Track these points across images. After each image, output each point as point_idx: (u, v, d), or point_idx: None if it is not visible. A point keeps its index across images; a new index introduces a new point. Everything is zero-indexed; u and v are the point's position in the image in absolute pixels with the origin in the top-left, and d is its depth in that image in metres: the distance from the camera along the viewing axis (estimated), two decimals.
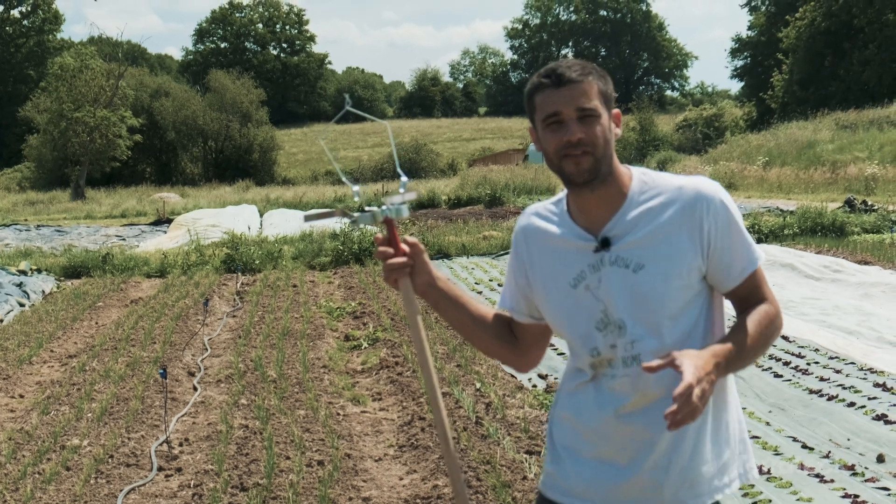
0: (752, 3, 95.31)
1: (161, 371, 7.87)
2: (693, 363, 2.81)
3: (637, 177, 3.16)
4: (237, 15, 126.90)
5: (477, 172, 52.21)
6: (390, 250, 3.21)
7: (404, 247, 3.23)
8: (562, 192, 3.29)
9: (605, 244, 3.10)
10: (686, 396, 2.74)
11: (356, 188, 3.23)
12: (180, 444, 8.18)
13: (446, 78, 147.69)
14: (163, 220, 35.76)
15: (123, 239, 28.88)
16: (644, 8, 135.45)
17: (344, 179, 3.42)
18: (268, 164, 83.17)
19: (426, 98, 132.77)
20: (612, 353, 3.10)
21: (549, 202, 3.34)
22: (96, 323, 14.20)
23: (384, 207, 3.20)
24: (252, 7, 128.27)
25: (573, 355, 3.26)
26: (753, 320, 3.06)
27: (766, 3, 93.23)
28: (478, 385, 9.64)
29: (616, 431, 3.12)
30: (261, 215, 33.81)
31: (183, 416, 9.07)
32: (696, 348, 3.03)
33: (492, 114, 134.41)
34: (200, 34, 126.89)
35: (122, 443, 8.13)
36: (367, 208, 3.20)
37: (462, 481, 3.25)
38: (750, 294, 3.12)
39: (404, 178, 3.23)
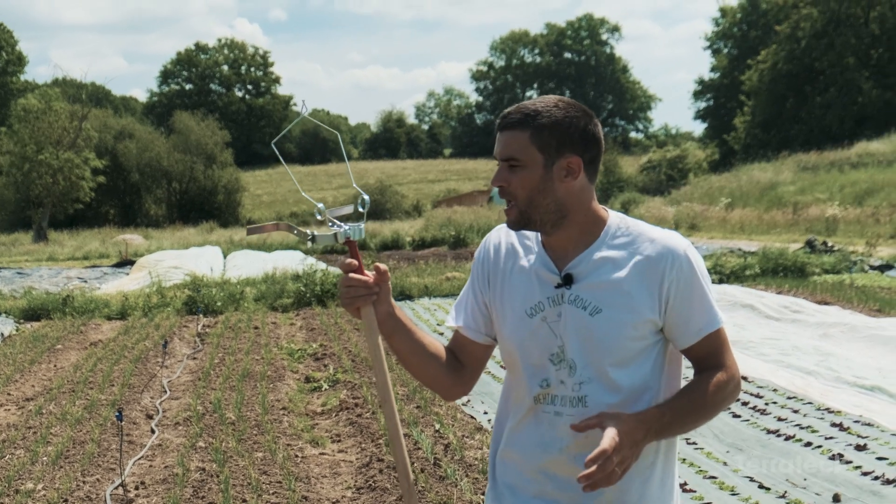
0: (715, 46, 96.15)
1: (117, 414, 7.81)
2: (617, 429, 2.82)
3: (614, 220, 3.15)
4: (202, 56, 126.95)
5: (441, 214, 52.33)
6: (362, 277, 3.12)
7: (368, 273, 3.15)
8: None
9: (567, 280, 3.10)
10: (601, 462, 2.76)
11: (320, 205, 3.17)
12: (136, 488, 8.11)
13: (411, 119, 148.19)
14: (125, 262, 35.57)
15: (85, 281, 28.68)
16: (608, 51, 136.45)
17: (304, 195, 3.32)
18: (232, 206, 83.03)
19: (391, 139, 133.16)
20: (560, 389, 3.09)
21: None
22: (55, 366, 14.08)
23: (346, 228, 3.13)
24: (217, 49, 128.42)
25: (517, 384, 3.22)
26: (701, 388, 3.03)
27: (728, 45, 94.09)
28: (437, 426, 9.61)
29: (561, 471, 3.10)
30: (224, 257, 33.72)
31: (140, 459, 8.99)
32: (651, 398, 3.06)
33: (457, 155, 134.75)
34: (165, 76, 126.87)
35: (76, 486, 8.06)
36: (332, 226, 3.12)
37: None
38: (707, 356, 3.09)
39: (365, 197, 3.13)
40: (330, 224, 3.15)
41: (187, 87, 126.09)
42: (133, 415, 10.63)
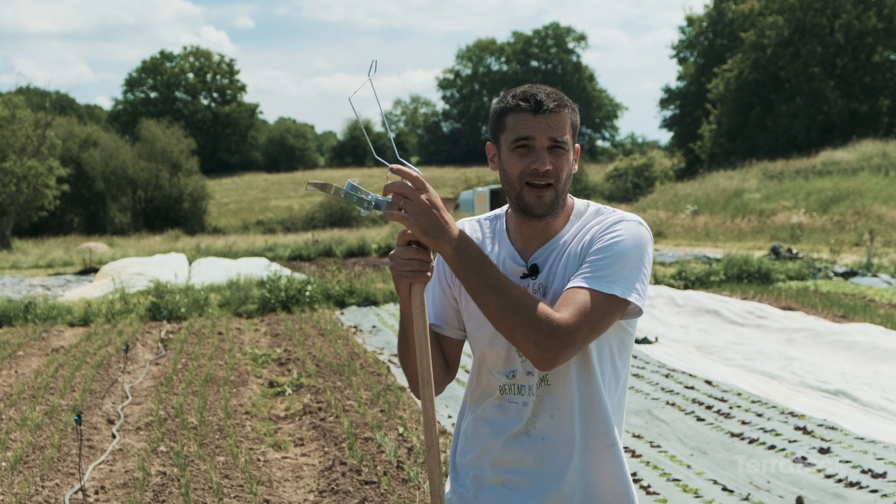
0: (681, 55, 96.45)
1: (76, 417, 7.71)
2: (433, 194, 2.90)
3: (578, 207, 3.18)
4: (168, 65, 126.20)
5: None
6: (424, 250, 2.99)
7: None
8: (499, 210, 3.27)
9: (533, 271, 3.08)
10: (404, 181, 2.89)
11: (356, 181, 3.07)
12: (96, 493, 8.03)
13: (378, 128, 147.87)
14: (89, 270, 35.33)
15: (48, 288, 28.47)
16: (574, 59, 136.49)
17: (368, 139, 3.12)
18: (198, 214, 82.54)
19: (358, 148, 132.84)
20: (526, 379, 3.09)
21: (483, 217, 3.32)
22: (16, 372, 13.94)
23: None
24: (183, 57, 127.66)
25: (483, 376, 3.22)
26: (525, 292, 2.95)
27: (695, 54, 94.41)
28: (401, 430, 9.57)
29: (522, 456, 3.13)
30: (189, 264, 33.54)
31: (100, 463, 8.90)
32: (605, 371, 3.08)
33: (424, 163, 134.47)
34: (130, 84, 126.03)
35: (35, 491, 7.96)
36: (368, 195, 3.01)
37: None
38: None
39: (418, 172, 2.97)
40: (366, 194, 3.04)
41: (152, 95, 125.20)
42: (94, 420, 10.53)
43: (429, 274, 2.99)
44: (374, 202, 2.98)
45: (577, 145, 3.17)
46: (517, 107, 3.07)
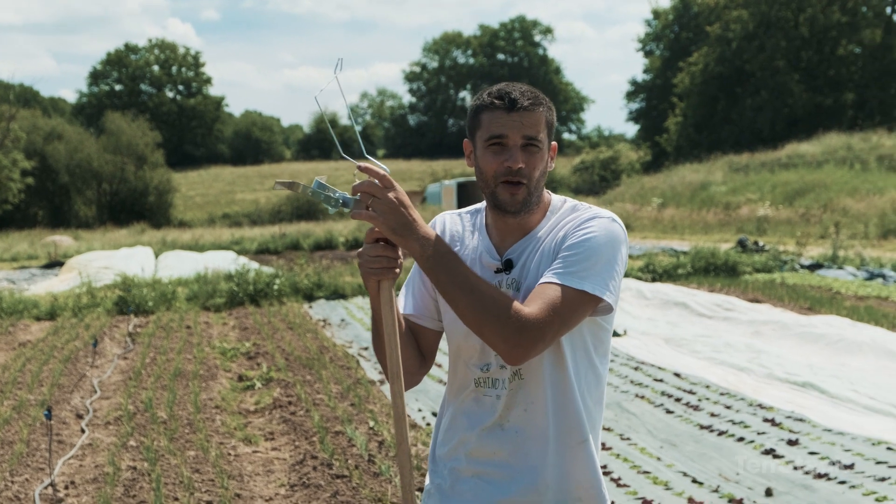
0: (647, 48, 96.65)
1: (46, 412, 7.68)
2: (400, 192, 2.91)
3: (555, 204, 3.19)
4: (133, 57, 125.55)
5: None
6: (392, 247, 3.00)
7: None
8: (481, 204, 3.29)
9: (507, 266, 3.10)
10: (371, 180, 2.90)
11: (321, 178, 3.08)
12: (66, 487, 7.99)
13: (344, 121, 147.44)
14: (55, 263, 35.09)
15: (13, 282, 28.25)
16: (541, 52, 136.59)
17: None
18: (164, 207, 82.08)
19: (324, 141, 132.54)
20: (500, 373, 3.12)
21: (464, 211, 3.35)
22: None
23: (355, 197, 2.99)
24: (148, 49, 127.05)
25: (459, 370, 3.25)
26: (495, 288, 2.97)
27: (661, 47, 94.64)
28: (371, 423, 9.57)
29: (497, 449, 3.16)
30: (156, 257, 33.39)
31: (69, 458, 8.86)
32: (580, 368, 3.10)
33: (390, 156, 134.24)
34: (95, 76, 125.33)
35: (5, 487, 7.92)
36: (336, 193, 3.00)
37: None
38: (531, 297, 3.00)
39: (386, 169, 2.99)
40: (334, 192, 3.05)
41: (117, 87, 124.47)
42: (63, 414, 10.48)
43: (397, 271, 3.01)
44: (342, 200, 3.00)
45: (554, 143, 3.18)
46: (492, 105, 3.09)
